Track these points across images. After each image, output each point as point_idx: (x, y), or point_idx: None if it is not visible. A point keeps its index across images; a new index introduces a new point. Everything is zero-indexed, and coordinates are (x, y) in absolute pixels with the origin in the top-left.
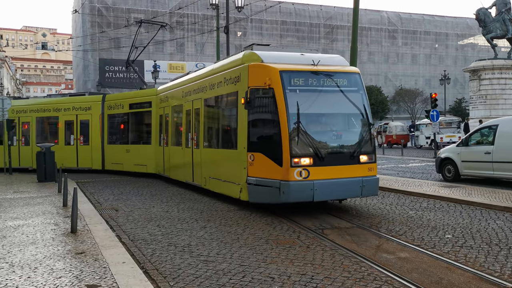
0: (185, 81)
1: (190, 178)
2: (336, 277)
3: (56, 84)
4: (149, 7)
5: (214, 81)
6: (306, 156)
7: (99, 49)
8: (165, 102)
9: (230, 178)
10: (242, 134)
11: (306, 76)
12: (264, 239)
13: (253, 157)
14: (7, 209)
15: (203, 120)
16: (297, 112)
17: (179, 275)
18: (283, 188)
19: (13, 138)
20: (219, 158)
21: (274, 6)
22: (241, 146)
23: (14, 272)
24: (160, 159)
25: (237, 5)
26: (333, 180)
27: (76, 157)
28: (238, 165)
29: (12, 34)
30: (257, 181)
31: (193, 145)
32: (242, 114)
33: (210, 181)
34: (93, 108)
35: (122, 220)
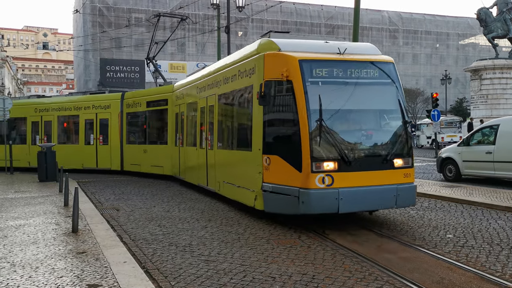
0: (200, 76)
1: (204, 182)
2: (337, 277)
3: (57, 84)
4: (150, 7)
5: (228, 74)
6: (329, 159)
7: (100, 49)
8: (181, 99)
9: (245, 183)
10: (257, 133)
11: (330, 66)
12: (265, 239)
13: (269, 160)
14: (9, 209)
15: (217, 118)
16: (319, 108)
17: (180, 274)
18: (302, 197)
19: (35, 138)
20: (233, 160)
21: (275, 6)
22: (256, 147)
23: (15, 272)
24: (176, 160)
25: (238, 5)
26: (362, 188)
27: (96, 157)
28: (253, 169)
29: (13, 34)
30: (274, 188)
31: (207, 145)
32: (257, 111)
33: (224, 186)
34: (112, 107)
35: (123, 220)
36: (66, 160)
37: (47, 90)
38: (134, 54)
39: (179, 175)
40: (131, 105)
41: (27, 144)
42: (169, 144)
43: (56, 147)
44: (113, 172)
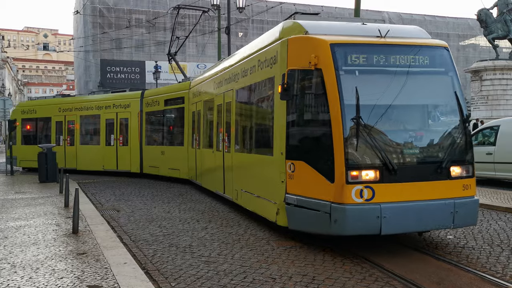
0: (217, 69)
1: (221, 189)
2: (337, 278)
3: (58, 85)
4: (150, 8)
5: (246, 66)
6: (369, 167)
7: (100, 49)
8: (197, 96)
9: (265, 193)
10: (279, 135)
11: (370, 51)
12: (266, 240)
13: (294, 166)
14: (9, 210)
15: (234, 116)
16: (356, 102)
17: (180, 275)
18: (335, 214)
19: (59, 139)
20: (251, 165)
21: (275, 7)
22: (278, 151)
23: (16, 273)
24: (193, 163)
25: (238, 5)
26: (410, 204)
27: (116, 159)
28: (274, 177)
29: (13, 35)
30: (299, 201)
31: (224, 148)
32: (279, 108)
33: (242, 195)
34: (132, 106)
35: (124, 221)
36: (87, 162)
37: (47, 91)
38: (135, 55)
39: (195, 180)
40: (150, 104)
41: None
42: (185, 146)
43: (78, 148)
44: (132, 175)
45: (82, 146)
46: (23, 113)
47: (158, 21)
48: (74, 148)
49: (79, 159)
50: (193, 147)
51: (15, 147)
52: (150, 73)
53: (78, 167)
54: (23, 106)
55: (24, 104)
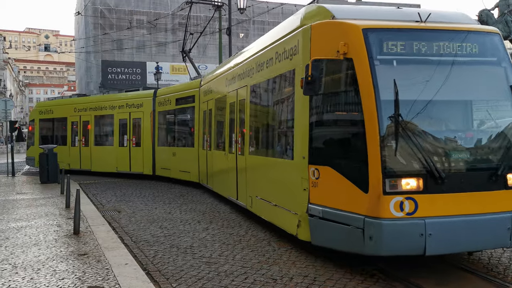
0: (230, 65)
1: (234, 194)
2: (338, 279)
3: (59, 86)
4: (151, 9)
5: (262, 59)
6: (411, 175)
7: (101, 50)
8: (209, 94)
9: (283, 202)
10: (301, 136)
11: (410, 37)
12: (266, 241)
13: (318, 173)
14: (10, 211)
15: (248, 115)
16: (394, 98)
17: (181, 276)
18: (370, 230)
19: (75, 139)
20: (268, 170)
21: (276, 8)
22: (299, 154)
23: (17, 274)
24: (204, 165)
25: (239, 6)
26: (460, 219)
27: (129, 160)
28: (295, 184)
29: (15, 36)
30: (325, 212)
31: (237, 150)
32: (301, 105)
33: (257, 202)
34: (145, 105)
35: (125, 222)
36: (102, 163)
37: (48, 92)
38: (136, 56)
39: (206, 184)
40: (162, 103)
41: (67, 145)
42: (195, 147)
43: (93, 149)
44: (144, 177)
45: (97, 147)
46: (41, 113)
47: (159, 22)
48: (88, 149)
49: (94, 161)
50: (204, 149)
51: (33, 148)
52: (151, 74)
53: (93, 168)
54: (41, 106)
55: (42, 104)
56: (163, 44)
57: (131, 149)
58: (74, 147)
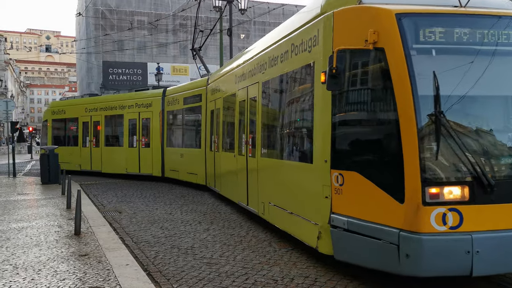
0: (239, 62)
1: (244, 199)
2: (339, 280)
3: (60, 87)
4: (152, 10)
5: (275, 53)
6: (455, 182)
7: (102, 51)
8: (216, 93)
9: (301, 210)
10: (322, 137)
11: (450, 23)
12: (267, 242)
13: (342, 178)
14: (11, 211)
15: (260, 114)
16: (434, 93)
17: (182, 277)
18: (407, 246)
19: (86, 140)
20: (283, 174)
21: (277, 9)
22: (320, 158)
23: (18, 274)
24: (211, 167)
25: (240, 7)
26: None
27: (138, 162)
28: (315, 190)
29: (16, 37)
30: (351, 224)
31: (247, 151)
32: (321, 102)
33: (270, 208)
34: (154, 105)
35: (126, 222)
36: (112, 164)
37: (49, 93)
38: (137, 57)
39: (214, 187)
40: (171, 103)
41: (79, 146)
42: (202, 148)
43: (103, 150)
44: (154, 179)
45: (107, 148)
46: (53, 113)
47: (160, 23)
48: (99, 149)
49: (104, 162)
50: (211, 150)
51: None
52: (152, 75)
53: (103, 169)
54: (53, 107)
55: (54, 105)
56: (164, 45)
57: (140, 150)
58: (85, 147)
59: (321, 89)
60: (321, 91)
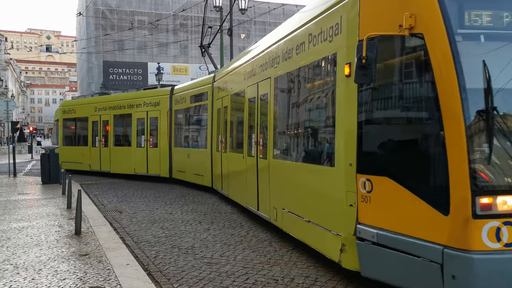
0: (249, 56)
1: (254, 204)
2: (340, 279)
3: (60, 87)
4: (152, 10)
5: (290, 44)
6: (510, 191)
7: (103, 51)
8: (224, 90)
9: (320, 218)
10: (345, 137)
11: (498, 6)
12: (268, 241)
13: (371, 184)
14: (12, 211)
15: (272, 112)
16: (485, 86)
17: (182, 277)
18: (453, 266)
19: (95, 139)
20: (299, 178)
21: (277, 8)
22: (343, 160)
23: (18, 274)
24: (218, 169)
25: (240, 7)
26: None
27: (146, 162)
28: (337, 196)
29: (16, 37)
30: (382, 237)
31: (258, 152)
32: (345, 98)
33: (284, 215)
34: (162, 103)
35: (126, 222)
36: (121, 164)
37: (50, 93)
38: (137, 57)
39: (221, 189)
40: (179, 101)
41: (88, 146)
42: (208, 148)
43: (112, 150)
44: (161, 180)
45: (116, 148)
46: (64, 113)
47: (161, 23)
48: (108, 149)
49: (113, 162)
50: (218, 150)
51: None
52: (152, 75)
53: (112, 170)
54: (64, 106)
55: (66, 104)
56: (164, 45)
57: (148, 150)
58: (95, 147)
59: (345, 82)
60: (345, 85)
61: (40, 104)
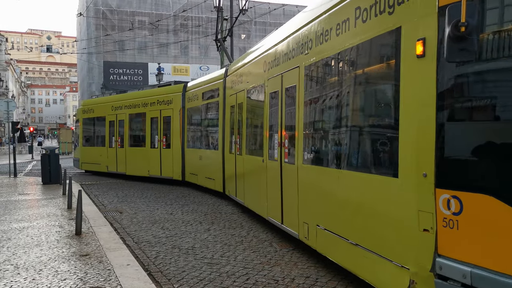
0: (269, 44)
1: (277, 216)
2: (340, 280)
3: (61, 87)
4: (153, 10)
5: (327, 24)
6: None
7: (103, 51)
8: (238, 85)
9: (375, 243)
10: (416, 138)
11: None
12: (268, 242)
13: (460, 204)
14: (12, 211)
15: (301, 108)
16: None
17: (183, 277)
18: None
19: (112, 140)
20: (343, 189)
21: (278, 9)
22: (412, 170)
23: (19, 274)
24: (232, 173)
25: (241, 7)
26: None
27: (160, 163)
28: (402, 217)
29: (17, 37)
30: (479, 279)
31: (282, 156)
32: (415, 85)
33: (318, 233)
34: (174, 101)
35: (126, 223)
36: (135, 166)
37: (50, 93)
38: (138, 57)
39: (235, 196)
40: (191, 99)
41: (106, 146)
42: (219, 150)
43: (127, 150)
44: (173, 183)
45: (131, 149)
46: (84, 112)
47: (161, 23)
48: (124, 150)
49: (128, 163)
50: (231, 152)
51: (77, 149)
52: (152, 75)
53: (128, 172)
54: (84, 105)
55: (85, 103)
56: (164, 45)
57: (161, 151)
58: (111, 148)
59: (416, 66)
60: (416, 68)
61: (40, 105)
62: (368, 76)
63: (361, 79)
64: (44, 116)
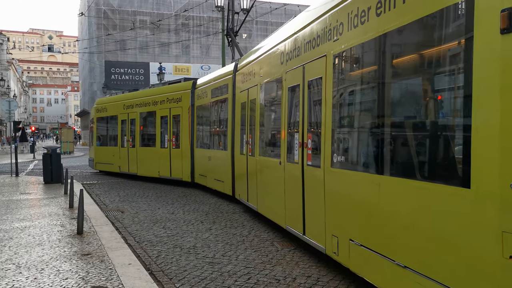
0: (288, 32)
1: (297, 225)
2: (342, 279)
3: (62, 86)
4: (154, 9)
5: (364, 3)
6: None
7: (105, 51)
8: (250, 80)
9: (435, 270)
10: (499, 140)
11: None
12: (270, 241)
13: None
14: (14, 211)
15: (329, 104)
16: None
17: (184, 276)
18: None
19: (123, 139)
20: (389, 200)
21: (279, 8)
22: (492, 179)
23: (21, 273)
24: (242, 175)
25: (242, 7)
26: None
27: (170, 164)
28: (475, 240)
29: (18, 37)
30: None
31: (304, 158)
32: (496, 71)
33: (352, 249)
34: (183, 99)
35: (128, 222)
36: (146, 166)
37: (52, 93)
38: (139, 56)
39: (247, 201)
40: (200, 96)
41: (118, 146)
42: (228, 150)
43: (139, 150)
44: (182, 184)
45: (142, 149)
46: (98, 111)
47: (162, 23)
48: (135, 150)
49: (139, 163)
50: (242, 153)
51: (91, 149)
52: (154, 74)
53: (139, 172)
54: (97, 104)
55: (99, 102)
56: (166, 45)
57: (171, 151)
58: (123, 148)
59: (499, 44)
60: (499, 48)
61: (42, 104)
62: (421, 63)
63: (410, 66)
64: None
